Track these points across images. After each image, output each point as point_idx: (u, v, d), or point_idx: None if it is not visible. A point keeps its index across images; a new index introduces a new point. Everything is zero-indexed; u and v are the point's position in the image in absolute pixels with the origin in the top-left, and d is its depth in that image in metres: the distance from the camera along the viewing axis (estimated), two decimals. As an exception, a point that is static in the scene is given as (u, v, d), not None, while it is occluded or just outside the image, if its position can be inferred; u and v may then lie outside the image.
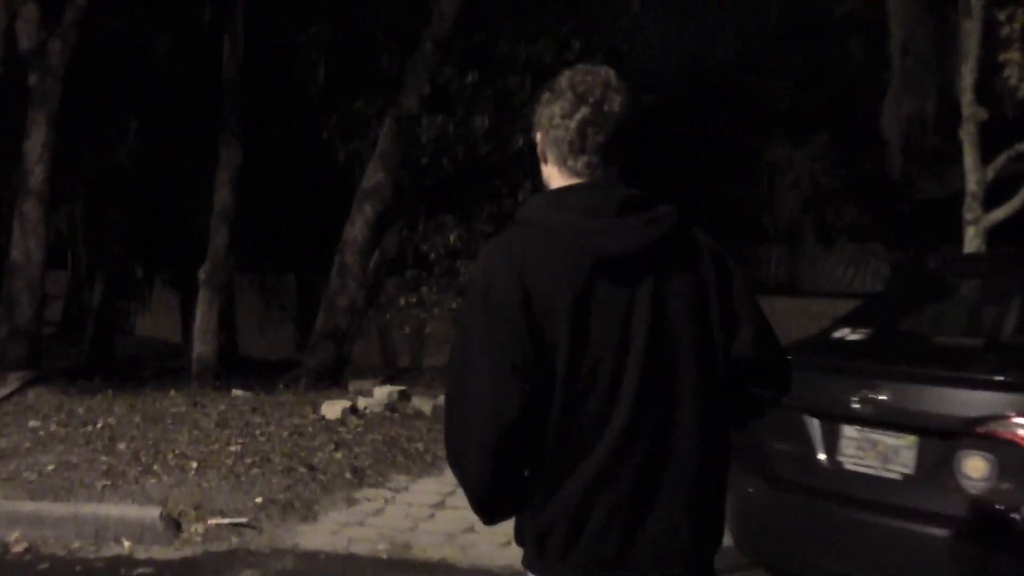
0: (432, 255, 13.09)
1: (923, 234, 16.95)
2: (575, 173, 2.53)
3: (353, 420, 9.31)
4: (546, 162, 2.60)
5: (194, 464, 7.64)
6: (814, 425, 4.90)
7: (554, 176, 2.58)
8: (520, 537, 2.54)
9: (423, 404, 9.94)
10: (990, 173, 11.71)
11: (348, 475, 7.63)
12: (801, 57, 15.75)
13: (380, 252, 13.41)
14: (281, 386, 11.85)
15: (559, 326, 2.37)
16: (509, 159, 12.86)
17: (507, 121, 12.58)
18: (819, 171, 15.97)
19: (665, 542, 2.46)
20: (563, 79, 2.56)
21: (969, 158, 11.70)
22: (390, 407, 9.81)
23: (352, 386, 11.87)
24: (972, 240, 11.75)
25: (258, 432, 8.72)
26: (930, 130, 13.50)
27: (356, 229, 13.12)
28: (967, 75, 11.73)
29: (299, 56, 14.33)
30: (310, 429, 8.92)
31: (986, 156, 11.66)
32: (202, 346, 13.50)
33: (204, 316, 13.59)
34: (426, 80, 12.63)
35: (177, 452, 7.96)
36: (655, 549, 2.47)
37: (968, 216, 11.71)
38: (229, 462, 7.73)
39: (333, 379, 12.70)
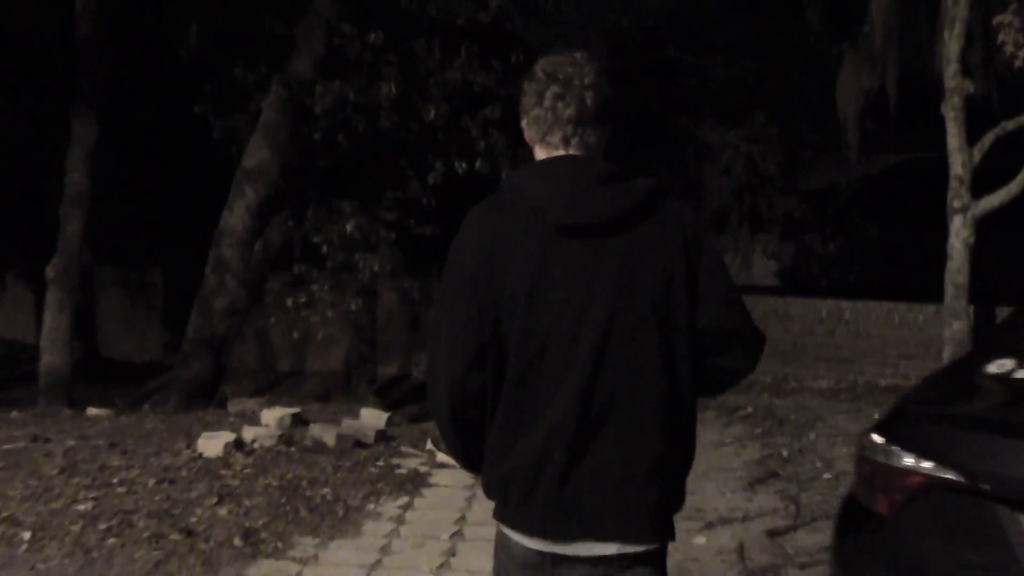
0: (324, 247, 11.18)
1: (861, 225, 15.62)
2: (554, 148, 2.73)
3: (239, 459, 7.34)
4: (532, 142, 2.79)
5: (26, 534, 5.69)
6: (1017, 522, 2.99)
7: (540, 153, 2.77)
8: (487, 489, 2.71)
9: (325, 434, 8.06)
10: (977, 155, 10.30)
11: (237, 540, 5.77)
12: (738, 27, 14.16)
13: (263, 243, 11.35)
14: (147, 407, 9.89)
15: (518, 289, 2.57)
16: (418, 135, 11.05)
17: (416, 90, 10.76)
18: (756, 154, 14.43)
19: (620, 498, 2.59)
20: (537, 65, 2.77)
21: (953, 137, 10.27)
22: (284, 438, 7.89)
23: (233, 405, 9.93)
24: (959, 232, 10.32)
25: (117, 480, 6.73)
26: (893, 107, 12.07)
27: (235, 217, 11.04)
28: (952, 43, 10.28)
29: (168, 11, 12.13)
30: (184, 473, 6.96)
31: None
32: (51, 356, 11.35)
33: (53, 320, 11.42)
34: (321, 40, 10.70)
35: (4, 515, 5.99)
36: (609, 504, 2.59)
37: (955, 204, 10.27)
38: (76, 528, 5.80)
39: (208, 395, 10.71)
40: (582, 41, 14.21)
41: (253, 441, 7.72)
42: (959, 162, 10.22)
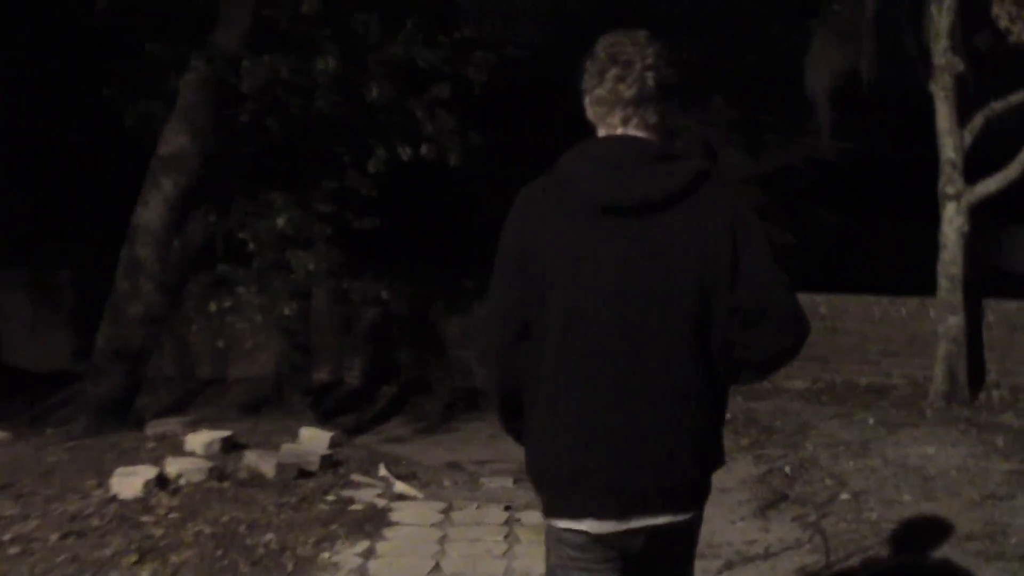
0: (252, 245, 9.90)
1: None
2: (613, 128, 2.79)
3: (163, 500, 6.07)
4: (592, 119, 2.84)
5: None
6: None
7: (599, 130, 2.83)
8: (533, 471, 2.79)
9: (263, 463, 6.87)
10: (968, 137, 9.39)
11: (163, 613, 4.61)
12: (692, 5, 13.14)
13: (182, 241, 10.00)
14: (50, 431, 8.59)
15: (559, 267, 2.66)
16: (357, 117, 9.85)
17: (355, 67, 9.55)
18: (713, 139, 13.38)
19: (667, 473, 2.66)
20: (599, 45, 2.82)
21: (944, 118, 9.38)
22: (216, 471, 6.65)
23: (151, 427, 8.64)
24: (953, 219, 9.40)
25: (9, 536, 5.46)
26: (867, 88, 11.12)
27: (151, 212, 9.68)
28: (942, 17, 9.36)
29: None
30: (96, 522, 5.70)
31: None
32: (-59, 371, 10.00)
33: (-57, 330, 10.07)
34: (248, 10, 9.42)
35: None
36: (657, 480, 2.65)
37: (948, 190, 9.36)
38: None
39: (122, 415, 9.36)
40: (528, 18, 13.20)
41: (179, 476, 6.47)
42: (950, 145, 9.33)
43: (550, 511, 2.76)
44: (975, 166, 9.64)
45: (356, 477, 7.12)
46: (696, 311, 2.65)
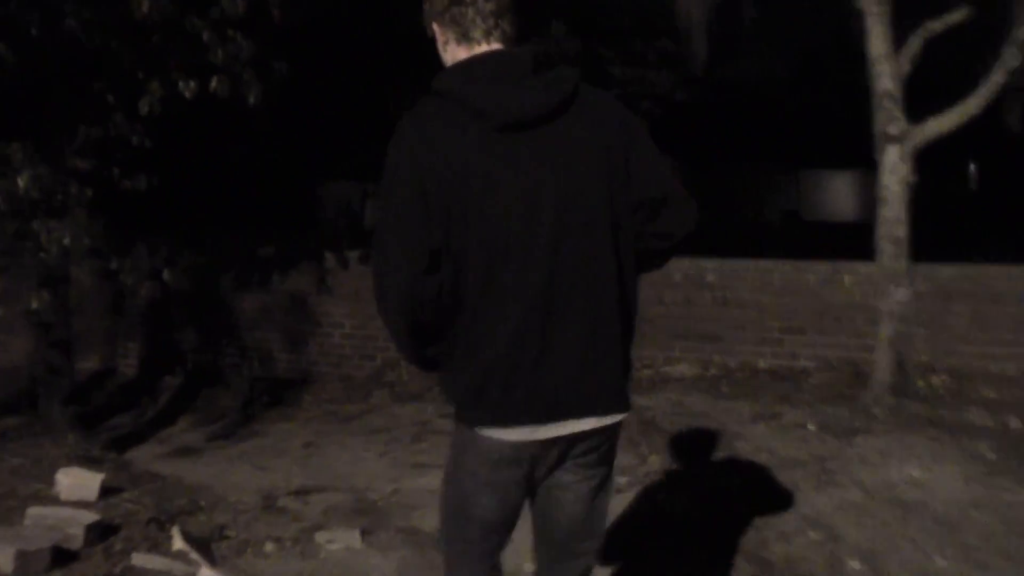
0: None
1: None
2: (476, 42, 2.77)
3: None
4: (447, 45, 2.83)
5: None
6: None
7: (462, 52, 2.80)
8: (456, 393, 2.76)
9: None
10: (905, 64, 7.69)
11: None
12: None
13: None
14: None
15: (468, 192, 2.61)
16: (123, 42, 7.44)
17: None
18: None
19: (592, 376, 2.73)
20: None
21: (879, 40, 7.62)
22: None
23: None
24: (896, 168, 7.67)
25: None
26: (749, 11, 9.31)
27: None
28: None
29: None
30: None
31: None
32: None
33: None
34: None
35: None
36: (583, 383, 2.71)
37: (890, 130, 7.61)
38: None
39: None
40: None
41: None
42: (887, 73, 7.54)
43: (483, 422, 2.72)
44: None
45: (139, 558, 4.87)
46: (609, 210, 2.73)
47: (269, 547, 5.36)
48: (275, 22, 7.71)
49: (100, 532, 5.09)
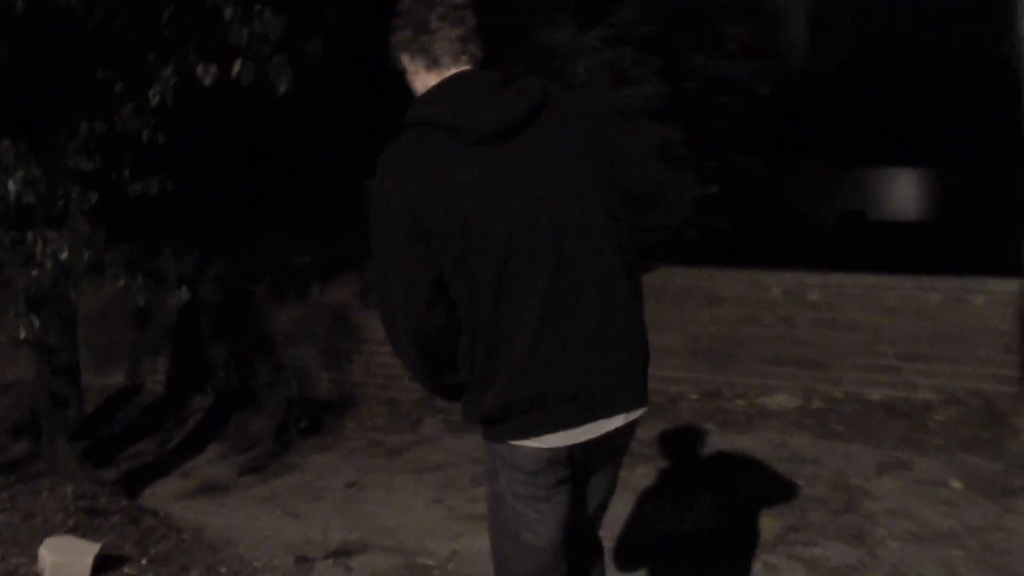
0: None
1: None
2: (446, 68, 2.81)
3: None
4: (417, 75, 2.86)
5: None
6: None
7: (432, 79, 2.82)
8: (481, 413, 2.76)
9: None
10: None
11: None
12: None
13: None
14: None
15: (463, 214, 2.60)
16: (130, 20, 6.30)
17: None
18: (625, 63, 10.09)
19: (616, 374, 2.75)
20: (406, 2, 2.85)
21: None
22: None
23: None
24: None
25: None
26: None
27: None
28: None
29: None
30: None
31: None
32: None
33: None
34: None
35: None
36: (609, 382, 2.73)
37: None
38: None
39: None
40: None
41: None
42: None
43: (517, 434, 2.73)
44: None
45: None
46: (602, 210, 2.74)
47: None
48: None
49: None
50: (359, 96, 8.98)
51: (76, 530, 5.69)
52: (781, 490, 5.70)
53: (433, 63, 2.81)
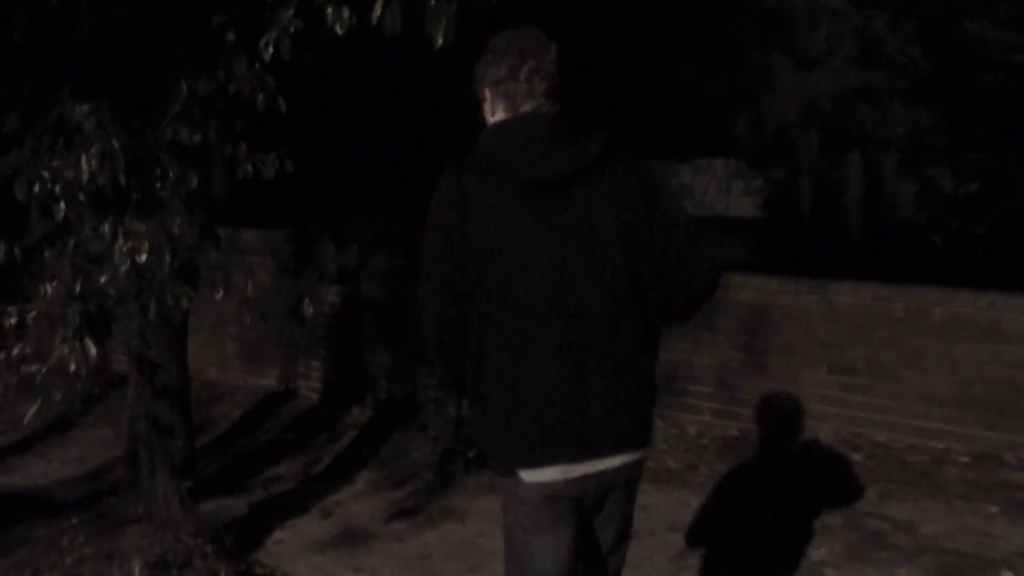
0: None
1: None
2: (520, 107, 2.96)
3: None
4: (494, 113, 3.03)
5: None
6: None
7: (502, 114, 3.00)
8: (491, 442, 2.92)
9: None
10: None
11: None
12: None
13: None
14: None
15: (493, 243, 2.79)
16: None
17: None
18: (879, 29, 8.07)
19: (620, 417, 2.86)
20: (502, 41, 3.00)
21: None
22: None
23: None
24: None
25: None
26: None
27: None
28: None
29: None
30: None
31: None
32: None
33: None
34: None
35: None
36: (612, 424, 2.85)
37: None
38: None
39: None
40: None
41: None
42: None
43: (515, 464, 2.87)
44: None
45: None
46: (626, 266, 2.85)
47: None
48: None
49: None
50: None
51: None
52: None
53: (511, 108, 2.97)
